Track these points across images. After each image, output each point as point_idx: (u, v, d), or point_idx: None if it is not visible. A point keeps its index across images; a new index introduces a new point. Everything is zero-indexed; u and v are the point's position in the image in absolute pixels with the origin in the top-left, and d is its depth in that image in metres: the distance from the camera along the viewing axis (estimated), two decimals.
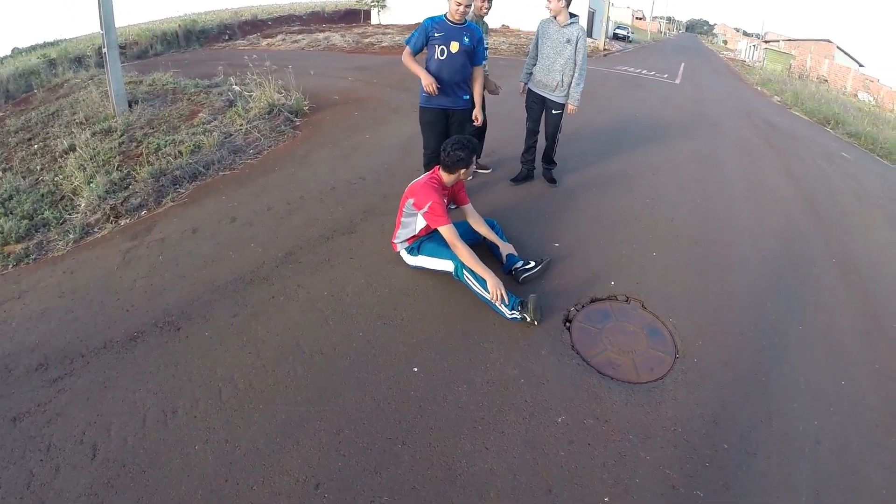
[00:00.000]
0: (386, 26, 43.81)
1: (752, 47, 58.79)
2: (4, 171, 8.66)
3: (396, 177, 6.98)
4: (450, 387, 3.62)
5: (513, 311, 4.21)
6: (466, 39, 5.42)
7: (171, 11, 55.77)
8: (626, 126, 10.60)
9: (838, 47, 64.05)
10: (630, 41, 54.52)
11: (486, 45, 6.05)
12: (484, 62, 5.89)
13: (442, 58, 5.46)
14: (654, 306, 4.69)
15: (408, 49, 5.62)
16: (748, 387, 3.89)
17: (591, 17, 48.15)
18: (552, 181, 7.24)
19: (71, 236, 6.01)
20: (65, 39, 33.42)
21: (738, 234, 6.14)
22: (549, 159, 7.24)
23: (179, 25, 33.45)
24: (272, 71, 11.87)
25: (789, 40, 67.95)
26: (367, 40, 28.70)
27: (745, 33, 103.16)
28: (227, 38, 34.58)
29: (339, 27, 41.63)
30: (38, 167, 8.51)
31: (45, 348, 4.11)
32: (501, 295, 4.23)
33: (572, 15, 6.34)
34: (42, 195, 7.27)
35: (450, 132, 5.68)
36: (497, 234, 5.08)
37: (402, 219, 4.80)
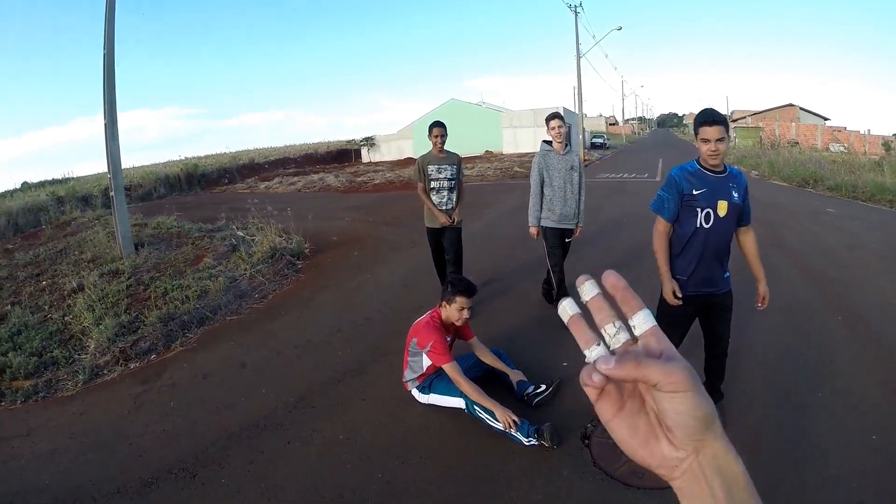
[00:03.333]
0: (377, 164, 45.28)
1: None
2: (13, 304, 8.77)
3: (401, 315, 7.04)
4: None
5: (529, 438, 4.21)
6: (735, 194, 3.92)
7: (173, 155, 57.45)
8: (617, 231, 10.88)
9: (801, 108, 67.07)
10: (607, 147, 56.58)
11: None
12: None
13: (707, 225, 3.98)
14: None
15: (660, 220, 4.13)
16: (778, 465, 3.86)
17: (568, 130, 49.69)
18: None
19: (80, 377, 6.06)
20: (72, 178, 34.32)
21: (740, 314, 6.16)
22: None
23: (181, 169, 34.49)
24: (272, 214, 12.24)
25: (755, 113, 71.00)
26: (360, 179, 29.61)
27: None
28: (226, 181, 35.52)
29: (332, 167, 43.01)
30: (46, 304, 8.63)
31: (55, 490, 4.10)
32: (513, 421, 4.26)
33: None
34: (51, 333, 7.36)
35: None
36: (504, 362, 5.13)
37: (409, 358, 4.91)
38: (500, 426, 4.32)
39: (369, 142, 54.88)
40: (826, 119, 64.16)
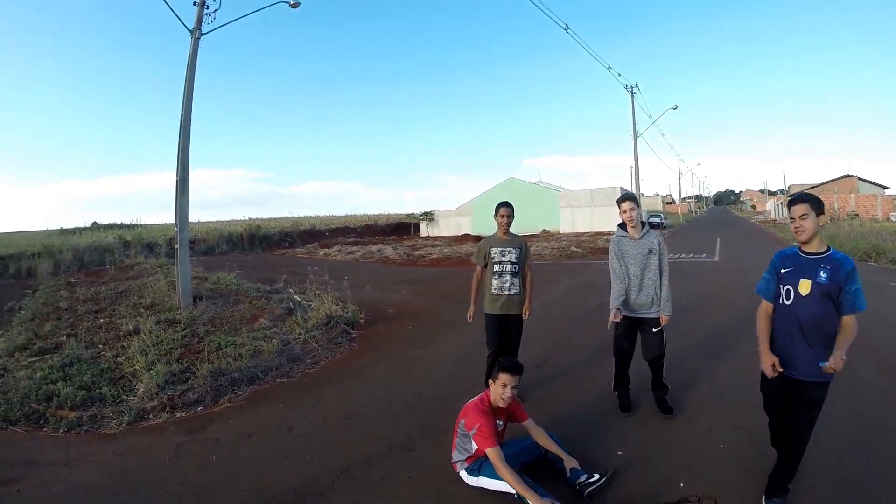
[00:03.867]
0: (434, 238, 45.73)
1: (780, 205, 59.90)
2: (69, 336, 8.91)
3: (452, 392, 6.89)
4: None
5: None
6: (823, 275, 3.94)
7: (237, 215, 59.02)
8: (676, 318, 10.63)
9: (859, 178, 65.71)
10: (664, 227, 55.80)
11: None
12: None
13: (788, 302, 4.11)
14: (729, 501, 4.38)
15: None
16: None
17: (639, 211, 49.68)
18: (668, 410, 6.20)
19: (126, 417, 6.05)
20: (140, 224, 35.49)
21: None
22: (660, 385, 6.38)
23: (245, 229, 35.35)
24: (329, 282, 12.30)
25: (813, 186, 69.35)
26: (418, 252, 29.81)
27: (770, 193, 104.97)
28: (287, 245, 36.25)
29: (390, 240, 43.68)
30: (101, 341, 8.75)
31: None
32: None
33: (643, 224, 6.33)
34: (102, 370, 7.43)
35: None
36: (559, 447, 4.92)
37: (458, 439, 4.76)
38: None
39: (428, 216, 55.73)
40: (885, 188, 63.19)
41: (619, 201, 6.28)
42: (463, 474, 4.74)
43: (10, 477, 4.82)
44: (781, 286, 4.12)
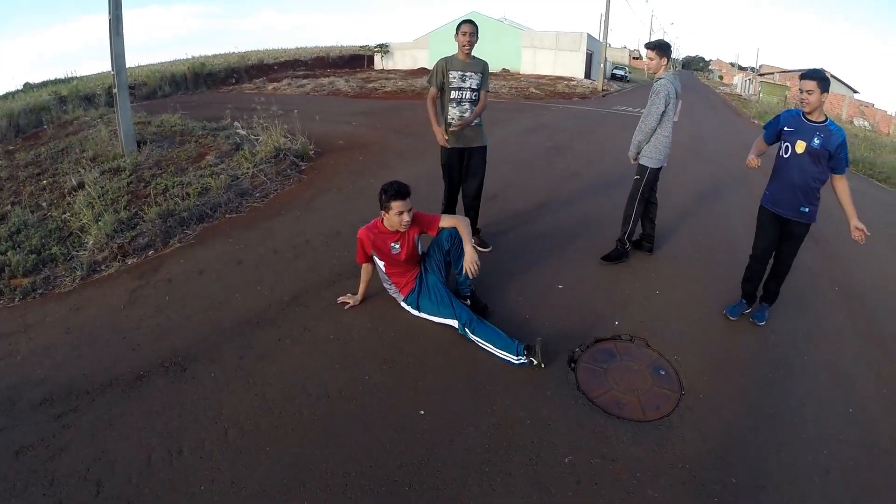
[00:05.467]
0: (389, 71, 44.64)
1: (748, 81, 60.33)
2: (13, 204, 8.74)
3: None
4: (457, 429, 3.61)
5: (519, 357, 4.22)
6: (817, 141, 4.55)
7: (179, 54, 56.70)
8: (627, 164, 10.89)
9: (832, 76, 65.26)
10: (628, 81, 55.62)
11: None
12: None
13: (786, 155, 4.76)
14: (659, 344, 4.70)
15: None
16: (755, 420, 3.88)
17: (590, 58, 49.18)
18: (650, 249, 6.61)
19: (78, 273, 6.05)
20: (76, 77, 33.92)
21: (740, 269, 6.08)
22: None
23: (188, 68, 33.99)
24: (278, 115, 12.07)
25: (784, 72, 69.11)
26: (371, 85, 29.27)
27: (740, 68, 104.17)
28: (233, 81, 35.11)
29: (343, 72, 42.34)
30: (46, 203, 8.59)
31: (49, 383, 4.13)
32: (475, 267, 4.56)
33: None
34: (50, 231, 7.34)
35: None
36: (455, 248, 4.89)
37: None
38: (493, 350, 4.35)
39: (383, 49, 54.01)
40: (856, 91, 62.03)
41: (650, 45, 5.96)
42: (405, 306, 4.93)
43: None
44: (782, 142, 4.79)
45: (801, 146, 4.62)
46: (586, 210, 8.10)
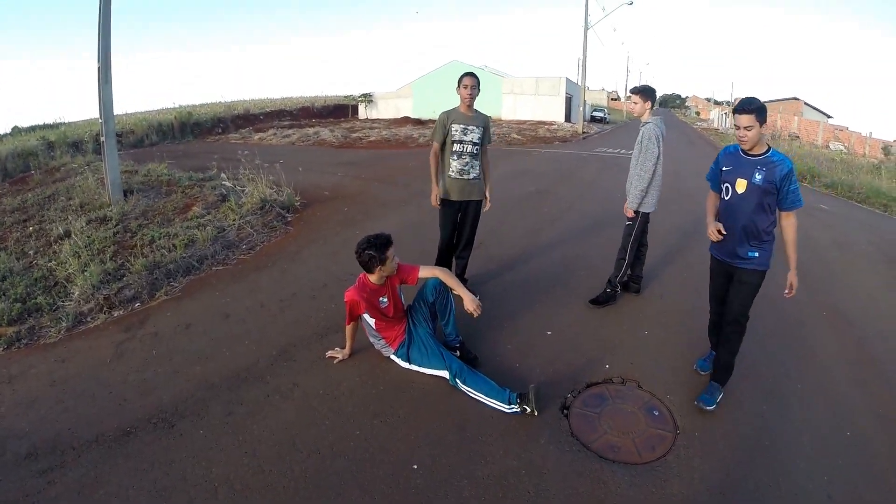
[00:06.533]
0: (373, 121, 45.06)
1: (724, 115, 61.27)
2: None
3: None
4: (451, 482, 3.58)
5: (511, 405, 4.22)
6: (759, 176, 4.18)
7: (167, 102, 56.99)
8: (608, 206, 10.76)
9: (805, 103, 67.36)
10: (607, 122, 56.61)
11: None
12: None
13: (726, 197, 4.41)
14: (651, 385, 4.71)
15: None
16: (752, 453, 3.89)
17: (569, 102, 50.06)
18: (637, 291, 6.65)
19: (64, 324, 6.03)
20: (64, 123, 34.01)
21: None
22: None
23: (175, 117, 34.17)
24: (264, 166, 12.20)
25: None
26: (356, 135, 29.50)
27: (715, 102, 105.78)
28: (220, 131, 35.27)
29: (327, 122, 42.66)
30: (32, 250, 8.58)
31: (34, 437, 4.09)
32: (478, 306, 4.62)
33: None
34: (36, 279, 7.32)
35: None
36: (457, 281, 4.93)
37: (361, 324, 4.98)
38: (484, 399, 4.35)
39: (367, 98, 54.62)
40: (829, 116, 64.34)
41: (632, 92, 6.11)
42: (394, 358, 4.93)
43: None
44: (722, 183, 4.44)
45: (741, 185, 4.27)
46: (571, 253, 8.18)
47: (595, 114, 58.97)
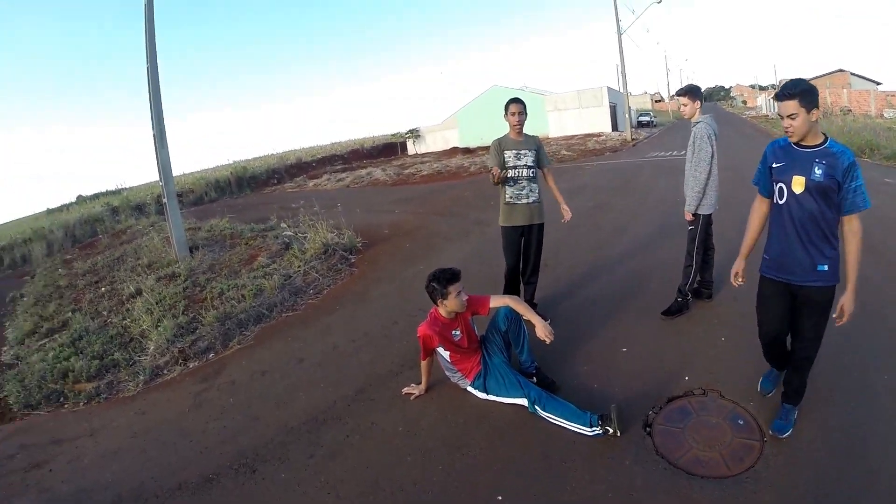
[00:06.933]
0: (423, 155, 45.46)
1: (771, 99, 59.93)
2: (74, 311, 8.97)
3: None
4: None
5: (593, 428, 4.09)
6: (818, 171, 3.49)
7: (222, 160, 58.40)
8: (669, 213, 10.50)
9: (852, 73, 65.68)
10: (654, 125, 56.03)
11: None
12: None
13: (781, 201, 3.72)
14: (733, 393, 4.47)
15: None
16: (845, 454, 3.66)
17: (614, 110, 49.76)
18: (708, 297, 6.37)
19: (141, 377, 6.14)
20: (126, 188, 35.21)
21: None
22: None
23: (231, 173, 35.02)
24: (322, 212, 12.33)
25: None
26: (408, 171, 29.73)
27: (760, 88, 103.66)
28: (275, 181, 35.94)
29: (378, 161, 43.30)
30: (105, 309, 8.80)
31: (119, 487, 4.15)
32: (550, 332, 4.50)
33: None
34: (111, 337, 7.49)
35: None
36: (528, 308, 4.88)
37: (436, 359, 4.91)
38: (565, 423, 4.22)
39: (414, 133, 55.25)
40: (879, 83, 62.53)
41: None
42: (471, 390, 4.84)
43: (41, 459, 4.92)
44: (774, 183, 3.72)
45: (798, 183, 3.54)
46: (637, 266, 7.98)
47: (641, 118, 58.59)
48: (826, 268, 3.57)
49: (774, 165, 3.68)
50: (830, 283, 3.61)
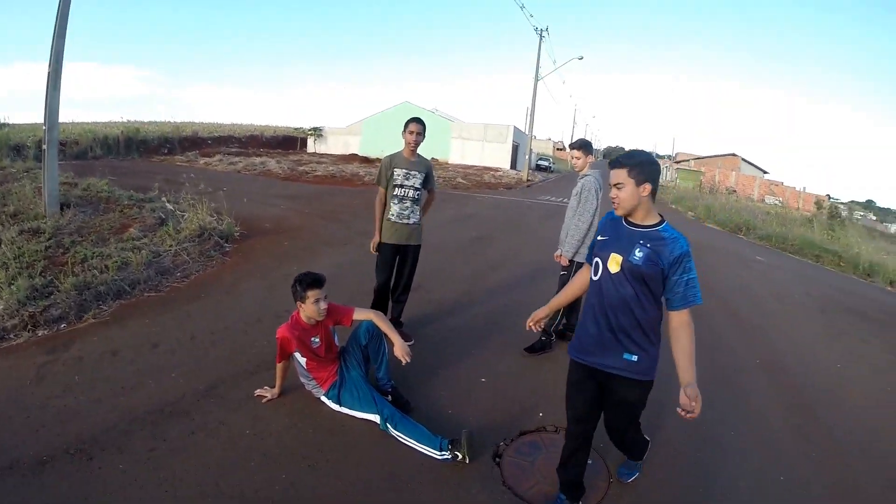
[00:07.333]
0: (321, 155, 45.05)
1: (665, 168, 63.03)
2: None
3: None
4: None
5: (443, 452, 4.22)
6: (639, 254, 3.12)
7: (114, 116, 55.76)
8: (549, 254, 11.03)
9: (743, 159, 70.66)
10: (552, 171, 58.23)
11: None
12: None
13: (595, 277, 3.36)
14: None
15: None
16: (688, 502, 3.97)
17: (515, 150, 51.28)
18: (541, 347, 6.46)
19: None
20: (7, 124, 32.91)
21: (662, 352, 6.24)
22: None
23: (122, 132, 33.57)
24: (207, 192, 12.13)
25: (698, 158, 75.39)
26: (302, 168, 29.54)
27: (657, 156, 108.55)
28: (166, 151, 34.82)
29: (275, 153, 42.55)
30: None
31: None
32: (407, 353, 4.69)
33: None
34: None
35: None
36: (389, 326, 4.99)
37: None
38: (414, 445, 4.34)
39: (316, 132, 54.70)
40: (765, 172, 67.69)
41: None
42: (325, 399, 4.90)
43: None
44: (593, 257, 3.40)
45: (615, 262, 3.17)
46: (509, 301, 8.29)
47: (541, 162, 60.82)
48: (636, 359, 3.26)
49: (599, 238, 3.38)
50: (640, 377, 3.32)
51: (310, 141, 55.00)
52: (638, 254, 3.09)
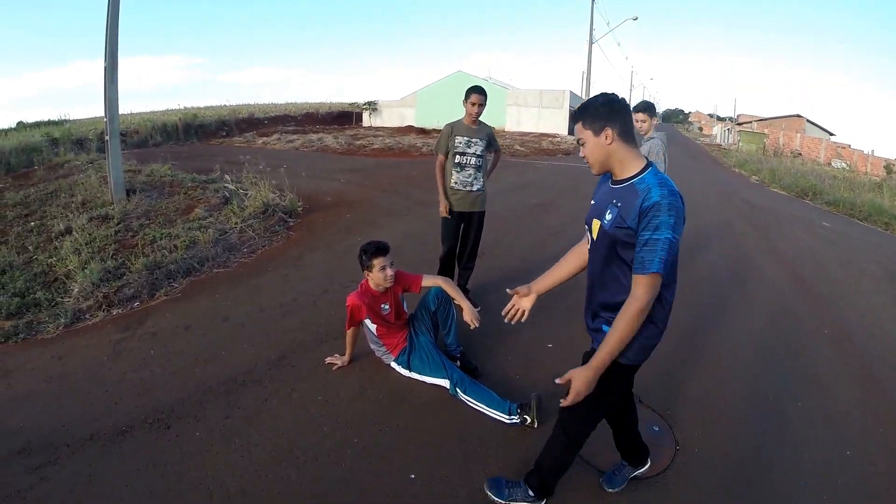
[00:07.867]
0: (377, 129, 44.80)
1: (727, 131, 61.71)
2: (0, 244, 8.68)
3: None
4: (448, 493, 3.53)
5: (512, 416, 4.18)
6: (609, 216, 2.65)
7: (172, 104, 56.77)
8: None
9: (808, 120, 67.94)
10: None
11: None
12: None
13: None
14: (652, 400, 4.64)
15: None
16: (752, 472, 3.84)
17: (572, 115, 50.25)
18: None
19: (62, 320, 6.00)
20: (69, 120, 33.92)
21: (727, 318, 6.13)
22: None
23: (180, 119, 34.15)
24: (267, 170, 12.18)
25: (761, 120, 72.36)
26: (359, 142, 29.31)
27: (718, 118, 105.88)
28: (224, 134, 35.18)
29: (331, 129, 42.48)
30: (33, 245, 8.55)
31: (28, 433, 4.06)
32: (476, 318, 4.55)
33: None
34: (35, 274, 7.31)
35: None
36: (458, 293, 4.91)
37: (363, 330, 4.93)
38: (484, 409, 4.31)
39: (371, 106, 54.47)
40: (832, 134, 64.84)
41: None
42: (394, 365, 4.89)
43: None
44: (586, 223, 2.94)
45: (595, 226, 2.80)
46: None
47: None
48: (607, 328, 2.76)
49: (592, 202, 2.96)
50: (633, 361, 2.94)
51: (365, 115, 54.86)
52: (608, 216, 2.65)
